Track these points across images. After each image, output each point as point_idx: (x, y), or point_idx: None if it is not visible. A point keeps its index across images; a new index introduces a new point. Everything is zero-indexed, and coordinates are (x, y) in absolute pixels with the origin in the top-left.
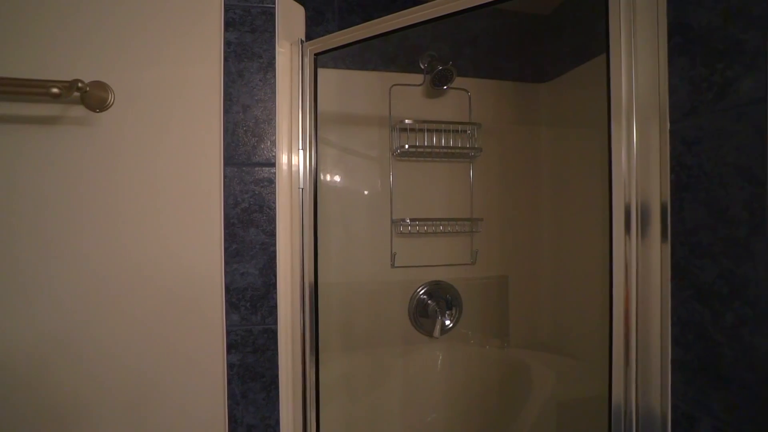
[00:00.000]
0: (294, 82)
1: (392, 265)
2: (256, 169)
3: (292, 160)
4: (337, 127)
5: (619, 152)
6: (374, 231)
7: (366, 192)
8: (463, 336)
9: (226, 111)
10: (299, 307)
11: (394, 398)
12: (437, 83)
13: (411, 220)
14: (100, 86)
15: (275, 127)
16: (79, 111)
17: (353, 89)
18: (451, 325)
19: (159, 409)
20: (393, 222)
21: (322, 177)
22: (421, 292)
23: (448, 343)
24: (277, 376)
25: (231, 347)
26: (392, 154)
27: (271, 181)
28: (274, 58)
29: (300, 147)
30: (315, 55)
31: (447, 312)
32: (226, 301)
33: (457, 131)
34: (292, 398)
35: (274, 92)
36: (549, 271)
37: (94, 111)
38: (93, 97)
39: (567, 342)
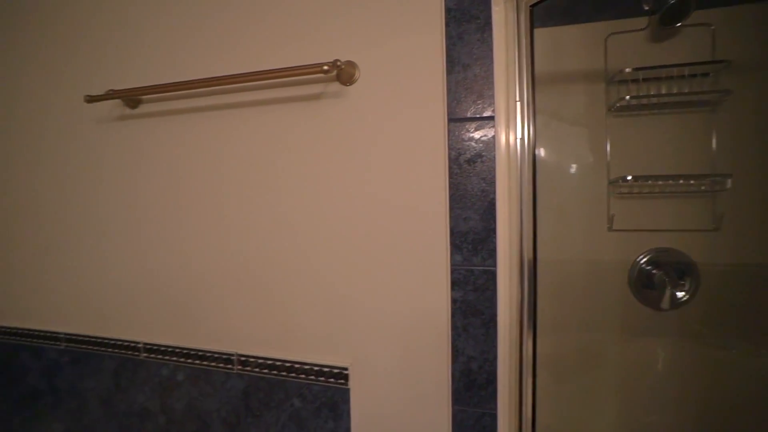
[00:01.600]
0: (509, 36)
1: (609, 228)
2: (476, 122)
3: (510, 111)
4: (546, 87)
5: None
6: (588, 192)
7: (578, 152)
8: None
9: (449, 72)
10: (517, 252)
11: (607, 385)
12: (667, 22)
13: (633, 178)
14: (350, 64)
15: (493, 82)
16: (334, 87)
17: (563, 47)
18: (685, 297)
19: (389, 336)
20: (610, 182)
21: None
22: (642, 261)
23: (679, 325)
24: (495, 314)
25: (454, 284)
26: (609, 110)
27: (490, 133)
28: (490, 17)
29: (517, 98)
30: (530, 6)
31: (679, 282)
32: (450, 242)
33: (694, 76)
34: (508, 337)
35: (491, 50)
36: None
37: (345, 85)
38: (345, 74)
39: None
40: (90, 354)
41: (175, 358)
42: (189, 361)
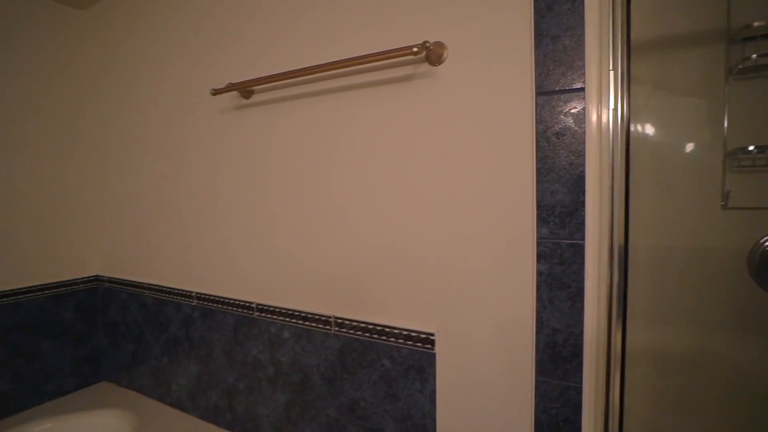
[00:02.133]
0: (603, 1)
1: (723, 206)
2: (565, 95)
3: (602, 81)
4: (647, 54)
5: None
6: (697, 167)
7: (688, 122)
8: None
9: (537, 45)
10: (608, 225)
11: (716, 387)
12: None
13: (757, 148)
14: (439, 44)
15: (584, 52)
16: (423, 68)
17: (668, 6)
18: None
19: (475, 305)
20: (727, 155)
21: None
22: (767, 243)
23: None
24: (582, 288)
25: (540, 257)
26: (730, 73)
27: (580, 105)
28: None
29: (610, 68)
30: None
31: None
32: (537, 215)
33: None
34: (596, 311)
35: (582, 18)
36: None
37: (434, 65)
38: (434, 54)
39: None
40: (215, 311)
41: (281, 318)
42: (293, 321)
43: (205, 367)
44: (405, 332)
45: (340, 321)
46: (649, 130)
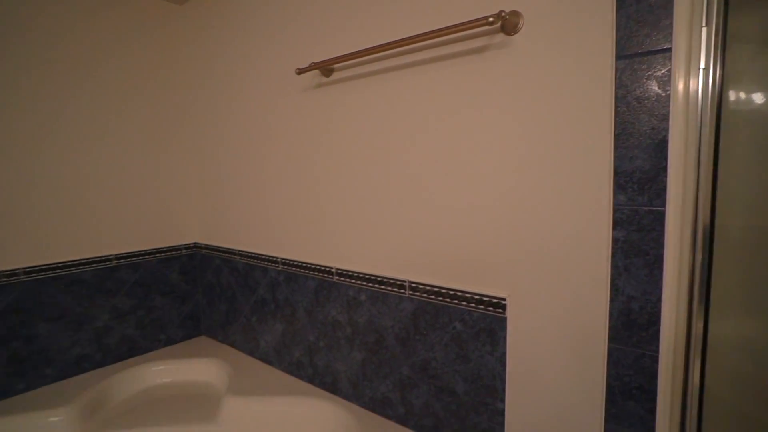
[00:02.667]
0: None
1: None
2: (649, 57)
3: (692, 40)
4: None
5: None
6: None
7: None
8: None
9: (619, 7)
10: (692, 196)
11: None
12: None
13: None
14: (514, 14)
15: (672, 10)
16: (498, 38)
17: None
18: None
19: (547, 271)
20: None
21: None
22: None
23: None
24: (661, 256)
25: (616, 224)
26: None
27: (665, 68)
28: None
29: (703, 23)
30: None
31: None
32: (614, 182)
33: None
34: (676, 280)
35: None
36: None
37: (510, 35)
38: (509, 24)
39: None
40: (298, 275)
41: (359, 282)
42: (370, 284)
43: (289, 326)
44: (477, 296)
45: (414, 285)
46: (752, 96)
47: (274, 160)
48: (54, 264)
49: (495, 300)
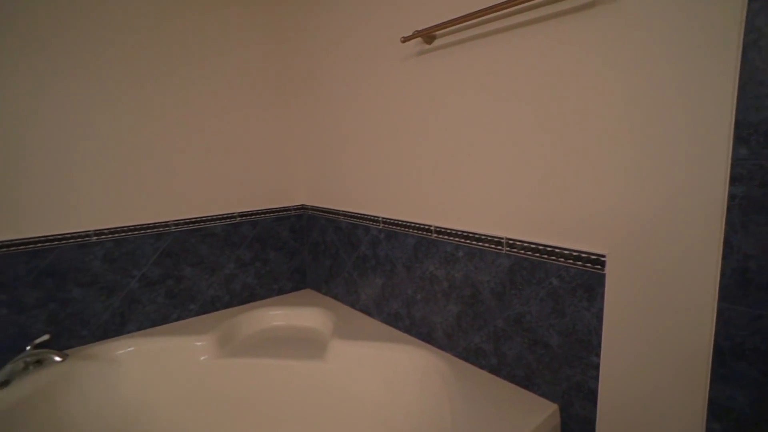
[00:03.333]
0: None
1: None
2: None
3: None
4: None
5: None
6: None
7: None
8: None
9: None
10: None
11: None
12: None
13: None
14: None
15: None
16: None
17: None
18: None
19: (649, 227)
20: None
21: None
22: None
23: None
24: None
25: (734, 179)
26: None
27: None
28: None
29: None
30: None
31: None
32: (734, 134)
33: None
34: None
35: None
36: None
37: None
38: None
39: None
40: (398, 233)
41: (457, 239)
42: (467, 241)
43: (388, 281)
44: (575, 253)
45: (511, 242)
46: None
47: (375, 126)
48: (194, 218)
49: (594, 257)
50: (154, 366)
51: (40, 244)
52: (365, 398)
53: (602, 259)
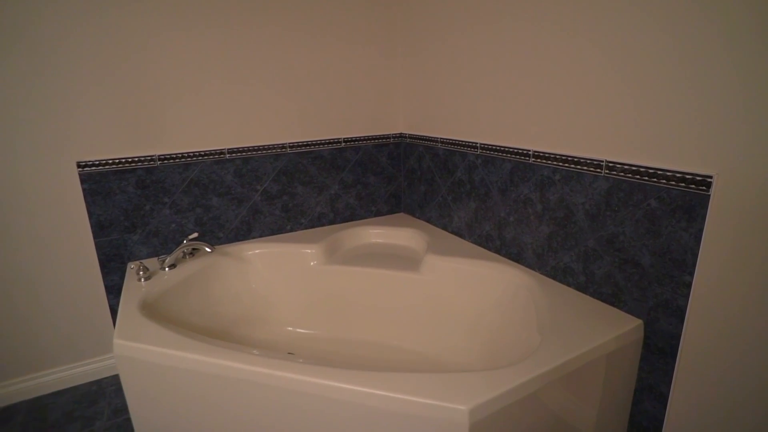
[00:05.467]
0: None
1: None
2: None
3: None
4: None
5: None
6: None
7: None
8: None
9: None
10: None
11: None
12: None
13: None
14: None
15: None
16: None
17: None
18: None
19: (762, 146)
20: None
21: None
22: None
23: None
24: None
25: None
26: None
27: None
28: None
29: None
30: None
31: None
32: None
33: None
34: None
35: None
36: None
37: None
38: None
39: None
40: (495, 158)
41: (555, 163)
42: (565, 165)
43: (482, 204)
44: (679, 174)
45: (611, 164)
46: None
47: (475, 53)
48: (306, 141)
49: (699, 178)
50: (274, 266)
51: (188, 158)
52: (455, 308)
53: (708, 180)
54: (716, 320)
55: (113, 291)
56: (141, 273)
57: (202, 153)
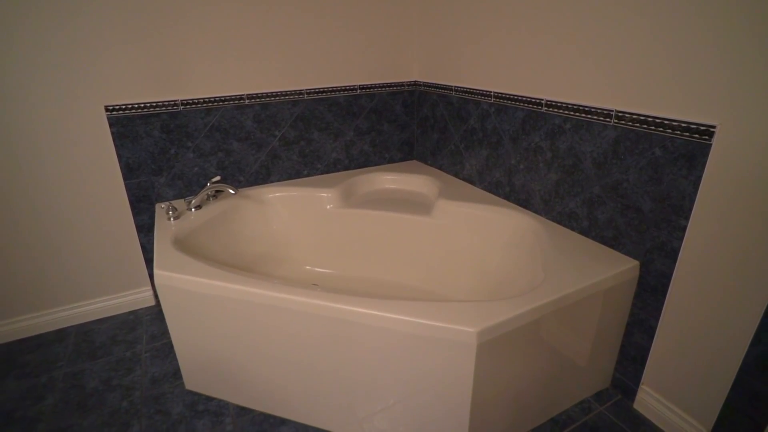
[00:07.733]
0: None
1: None
2: None
3: None
4: None
5: None
6: None
7: None
8: None
9: None
10: None
11: None
12: None
13: None
14: None
15: None
16: None
17: None
18: None
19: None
20: None
21: None
22: None
23: None
24: None
25: None
26: None
27: None
28: None
29: None
30: None
31: None
32: None
33: None
34: None
35: None
36: None
37: None
38: None
39: None
40: (508, 107)
41: (566, 112)
42: (576, 114)
43: (493, 152)
44: (684, 124)
45: (620, 114)
46: None
47: (489, 1)
48: (323, 88)
49: (703, 128)
50: (292, 209)
51: (209, 104)
52: (465, 250)
53: (711, 129)
54: (706, 262)
55: (143, 230)
56: (170, 213)
57: (223, 98)
